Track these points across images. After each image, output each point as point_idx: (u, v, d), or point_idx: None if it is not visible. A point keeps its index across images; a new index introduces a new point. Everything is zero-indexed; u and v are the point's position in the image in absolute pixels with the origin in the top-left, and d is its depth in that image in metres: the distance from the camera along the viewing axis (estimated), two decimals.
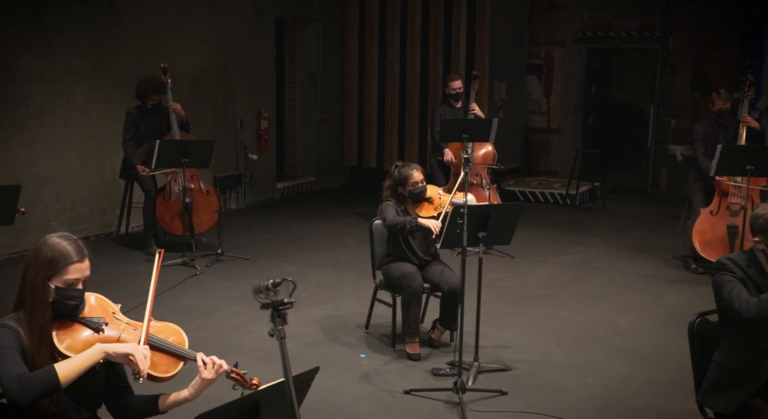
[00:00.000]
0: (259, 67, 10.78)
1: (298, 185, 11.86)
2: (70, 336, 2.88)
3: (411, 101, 11.95)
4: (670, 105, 12.07)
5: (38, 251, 2.87)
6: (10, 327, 2.80)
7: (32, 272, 2.85)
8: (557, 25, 12.48)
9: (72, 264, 2.87)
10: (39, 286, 2.83)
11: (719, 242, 7.58)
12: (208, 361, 2.94)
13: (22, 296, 2.88)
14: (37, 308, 2.82)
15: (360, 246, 8.65)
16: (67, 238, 2.92)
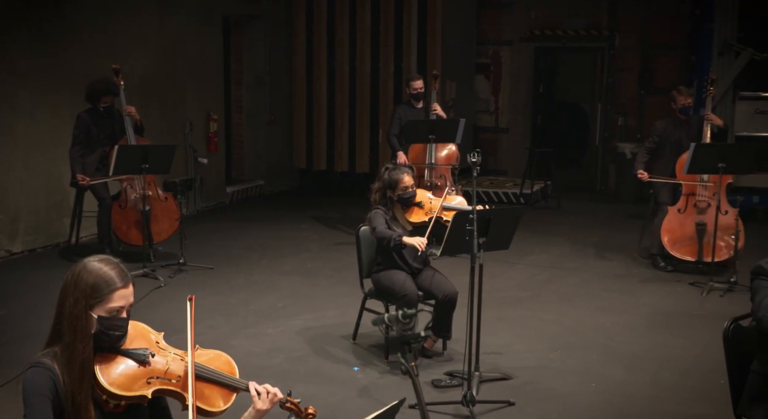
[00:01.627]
0: (207, 68, 10.42)
1: (247, 189, 11.52)
2: (115, 370, 2.59)
3: (361, 102, 11.74)
4: (617, 103, 12.17)
5: (77, 278, 2.56)
6: (45, 366, 2.49)
7: (71, 301, 2.54)
8: (505, 24, 12.46)
9: (116, 291, 2.58)
10: (80, 316, 2.53)
11: (688, 239, 7.63)
12: (261, 390, 2.69)
13: (58, 329, 2.57)
14: (79, 342, 2.51)
15: (324, 252, 8.45)
16: (108, 262, 2.63)
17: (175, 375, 2.67)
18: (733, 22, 10.42)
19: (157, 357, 2.67)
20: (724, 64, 10.37)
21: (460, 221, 4.75)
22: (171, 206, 7.91)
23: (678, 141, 7.78)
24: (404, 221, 5.40)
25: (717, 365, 5.40)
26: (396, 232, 5.21)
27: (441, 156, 8.55)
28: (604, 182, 12.36)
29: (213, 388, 2.73)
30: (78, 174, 7.42)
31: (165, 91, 9.71)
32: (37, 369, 2.49)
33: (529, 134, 12.72)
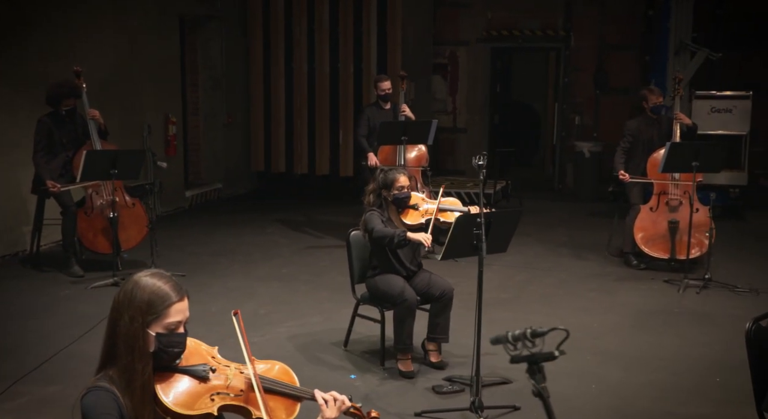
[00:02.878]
0: (164, 69, 10.16)
1: (205, 192, 11.28)
2: (176, 389, 2.45)
3: (321, 103, 11.60)
4: (573, 103, 12.30)
5: (130, 295, 2.42)
6: (106, 389, 2.34)
7: (126, 320, 2.39)
8: (461, 25, 12.48)
9: (172, 305, 2.45)
10: (137, 335, 2.38)
11: (661, 237, 7.73)
12: (328, 398, 2.59)
13: (112, 351, 2.41)
14: (138, 362, 2.37)
15: (296, 256, 8.31)
16: (160, 276, 2.48)
17: (237, 389, 2.55)
18: (688, 22, 10.61)
19: (216, 372, 2.54)
20: (679, 64, 10.54)
21: (463, 225, 4.70)
22: (139, 213, 7.67)
23: (649, 140, 7.87)
24: (399, 222, 5.32)
25: (710, 363, 5.50)
26: (398, 229, 5.12)
27: (411, 157, 8.49)
28: (561, 180, 12.47)
29: (277, 399, 2.62)
30: (48, 181, 7.12)
31: (122, 94, 9.43)
32: (99, 392, 2.34)
33: (486, 134, 12.77)
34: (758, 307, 6.62)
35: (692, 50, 10.45)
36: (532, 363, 1.95)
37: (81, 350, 5.58)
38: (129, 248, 7.64)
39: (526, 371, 2.02)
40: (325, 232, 9.37)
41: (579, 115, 12.28)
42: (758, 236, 9.38)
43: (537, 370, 1.94)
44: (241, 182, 12.02)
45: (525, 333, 1.93)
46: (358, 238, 5.50)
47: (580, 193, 11.89)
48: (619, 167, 7.75)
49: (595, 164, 11.79)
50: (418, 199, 5.42)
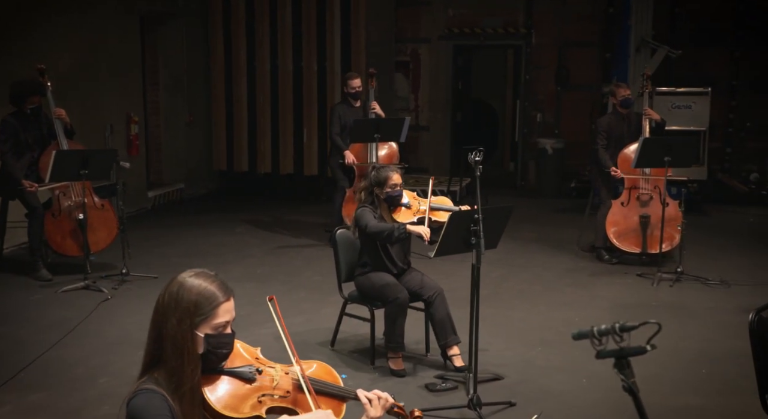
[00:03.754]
0: (126, 68, 9.95)
1: (168, 193, 11.08)
2: (223, 391, 2.38)
3: (284, 101, 11.48)
4: (535, 100, 12.39)
5: (176, 296, 2.34)
6: (157, 391, 2.26)
7: (174, 322, 2.30)
8: (423, 22, 12.48)
9: (220, 305, 2.37)
10: (186, 338, 2.30)
11: (633, 232, 7.82)
12: (372, 397, 2.53)
13: (158, 353, 2.33)
14: (187, 365, 2.29)
15: (269, 256, 8.21)
16: (205, 275, 2.41)
17: (284, 390, 2.49)
18: (648, 19, 10.77)
19: (262, 373, 2.48)
20: (640, 61, 10.69)
21: (456, 222, 4.68)
22: (108, 214, 7.50)
23: (620, 136, 7.96)
24: (390, 221, 5.27)
25: (693, 355, 5.58)
26: (396, 223, 5.08)
27: (382, 155, 8.46)
28: (524, 177, 12.55)
29: (323, 400, 2.56)
30: (24, 181, 6.92)
31: (84, 92, 9.20)
32: (149, 394, 2.26)
33: (449, 131, 12.80)
34: (731, 299, 6.79)
35: (653, 47, 10.61)
36: (620, 357, 1.92)
37: (59, 355, 5.42)
38: (98, 251, 7.46)
39: (614, 366, 1.99)
40: (294, 231, 9.28)
41: (540, 112, 12.38)
42: (721, 229, 9.56)
43: (625, 365, 1.91)
44: (203, 181, 11.85)
45: (613, 327, 1.90)
46: (344, 236, 5.45)
47: (543, 189, 11.98)
48: (609, 164, 7.75)
49: (557, 160, 11.89)
50: (410, 197, 5.39)
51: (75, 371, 5.14)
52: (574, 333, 2.00)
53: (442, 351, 5.22)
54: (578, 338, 1.97)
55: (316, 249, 8.44)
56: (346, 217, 8.48)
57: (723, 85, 11.38)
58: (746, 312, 6.42)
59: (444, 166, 12.44)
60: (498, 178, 12.99)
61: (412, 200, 5.37)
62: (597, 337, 1.90)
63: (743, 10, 11.45)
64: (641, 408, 1.96)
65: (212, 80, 11.65)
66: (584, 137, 12.10)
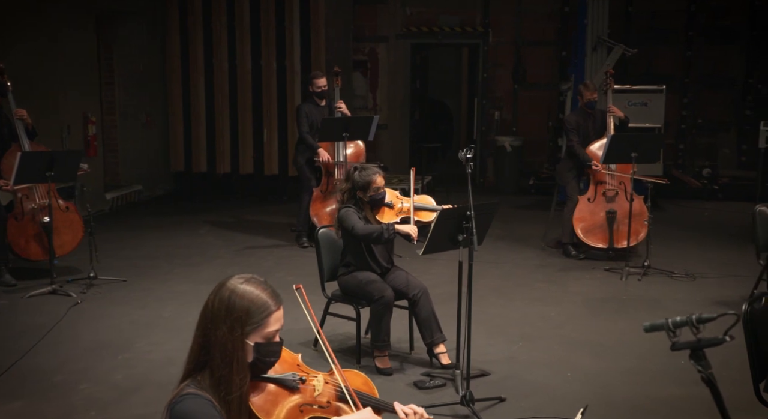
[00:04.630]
0: (83, 67, 9.73)
1: (126, 194, 10.87)
2: (268, 400, 2.33)
3: (243, 101, 11.37)
4: (493, 98, 12.50)
5: (228, 303, 2.27)
6: (204, 396, 2.20)
7: (225, 330, 2.24)
8: (380, 21, 12.49)
9: (272, 314, 2.33)
10: (237, 346, 2.25)
11: (599, 227, 7.94)
12: (408, 412, 2.50)
13: (204, 359, 2.27)
14: (236, 374, 2.23)
15: (237, 257, 8.12)
16: (256, 282, 2.35)
17: (324, 400, 2.45)
18: (603, 19, 10.94)
19: (306, 381, 2.44)
20: (597, 60, 10.86)
21: (445, 219, 4.69)
22: (73, 217, 7.33)
23: (586, 133, 8.07)
24: (374, 221, 5.25)
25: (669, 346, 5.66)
26: (384, 223, 5.06)
27: (349, 154, 8.43)
28: (483, 174, 12.65)
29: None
30: None
31: (40, 92, 8.97)
32: (197, 398, 2.20)
33: (408, 130, 12.83)
34: (698, 292, 6.94)
35: (609, 46, 10.78)
36: (697, 349, 1.94)
37: (35, 363, 5.27)
38: (64, 254, 7.28)
39: (690, 357, 2.00)
40: (259, 232, 9.19)
41: (498, 110, 12.49)
42: (678, 224, 9.77)
43: (702, 356, 1.92)
44: (160, 183, 11.66)
45: (690, 319, 1.92)
46: (326, 236, 5.41)
47: (502, 186, 12.09)
48: (588, 159, 7.83)
49: (516, 157, 12.02)
50: (393, 197, 5.37)
51: (54, 378, 5.01)
52: (647, 326, 2.01)
53: (429, 349, 5.22)
54: (651, 330, 1.99)
55: (285, 249, 8.38)
56: (313, 216, 8.44)
57: (675, 83, 11.63)
58: (715, 304, 6.63)
59: (403, 164, 12.44)
60: (455, 176, 13.05)
61: (394, 200, 5.35)
62: (672, 329, 1.91)
63: (694, 10, 11.72)
64: (720, 399, 1.99)
65: (169, 79, 11.48)
66: (541, 134, 12.27)
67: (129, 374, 5.08)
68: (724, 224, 9.86)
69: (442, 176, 12.82)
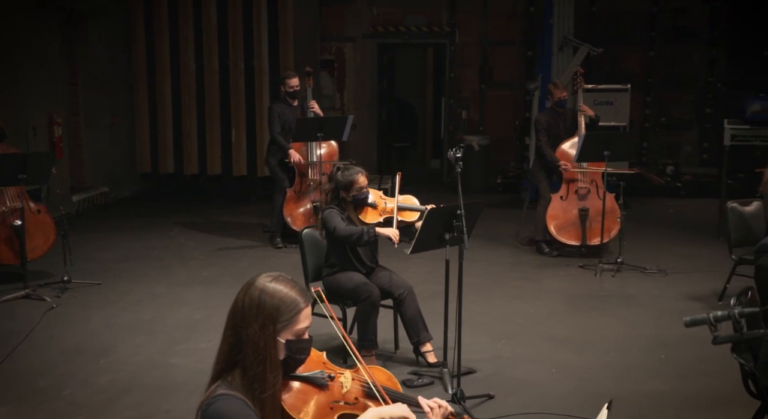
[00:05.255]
0: (48, 67, 9.57)
1: (93, 196, 10.71)
2: (299, 398, 2.33)
3: (210, 101, 11.28)
4: (460, 98, 12.57)
5: (258, 301, 2.27)
6: (239, 397, 2.19)
7: (256, 328, 2.24)
8: (347, 21, 12.48)
9: (302, 311, 2.33)
10: (269, 344, 2.25)
11: (572, 225, 8.05)
12: (433, 405, 2.52)
13: (236, 359, 2.26)
14: (269, 372, 2.23)
15: (212, 258, 8.07)
16: (285, 280, 2.35)
17: (352, 397, 2.46)
18: (569, 19, 11.06)
19: (334, 379, 2.44)
20: (563, 59, 10.98)
21: (433, 219, 4.72)
22: (45, 220, 7.21)
23: (557, 132, 8.17)
24: (358, 221, 5.26)
25: (649, 342, 5.78)
26: (365, 225, 5.07)
27: (323, 154, 8.43)
28: (450, 174, 12.70)
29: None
30: None
31: (4, 93, 8.81)
32: (232, 399, 2.19)
33: (375, 129, 12.84)
34: (671, 287, 7.07)
35: (575, 46, 10.91)
36: (739, 342, 1.98)
37: (15, 368, 5.19)
38: (35, 258, 7.15)
39: (732, 351, 2.05)
40: (231, 233, 9.14)
41: (466, 109, 12.57)
42: (647, 221, 9.93)
43: (744, 349, 1.97)
44: (126, 184, 11.52)
45: (732, 314, 1.96)
46: (310, 236, 5.40)
47: (470, 185, 12.11)
48: (555, 159, 7.94)
49: (483, 156, 12.10)
50: (377, 197, 5.38)
51: (37, 383, 4.93)
52: (687, 321, 2.05)
53: (415, 347, 5.25)
54: (692, 325, 2.03)
55: (259, 250, 8.34)
56: (287, 217, 8.42)
57: (639, 82, 11.82)
58: (688, 299, 6.76)
59: (371, 164, 12.46)
60: (422, 175, 13.12)
61: (378, 200, 5.36)
62: (713, 324, 1.94)
63: (656, 11, 11.92)
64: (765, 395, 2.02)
65: (134, 80, 11.35)
66: (508, 133, 12.38)
67: (114, 378, 5.02)
68: (689, 220, 10.04)
69: (409, 176, 12.88)
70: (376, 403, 2.51)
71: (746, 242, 6.45)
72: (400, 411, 2.37)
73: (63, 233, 6.91)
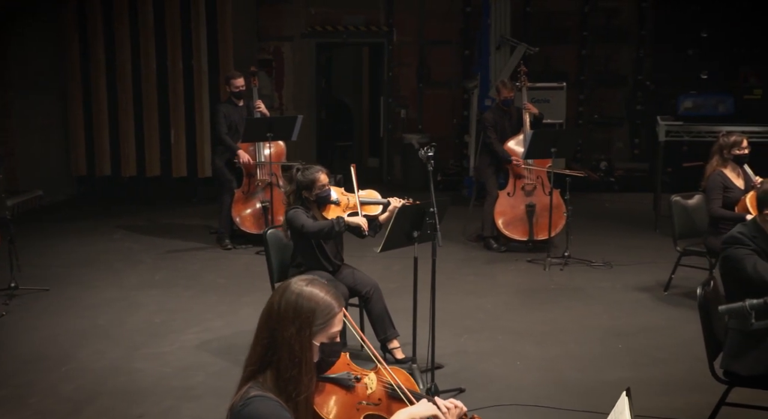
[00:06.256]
0: None
1: (26, 200, 10.40)
2: (329, 400, 2.36)
3: (148, 102, 11.09)
4: (399, 96, 12.66)
5: (295, 305, 2.30)
6: (274, 399, 2.20)
7: (293, 331, 2.26)
8: (285, 20, 12.44)
9: (337, 314, 2.36)
10: (305, 347, 2.27)
11: (519, 220, 8.22)
12: (450, 406, 2.56)
13: (271, 360, 2.27)
14: (305, 375, 2.25)
15: (162, 262, 7.96)
16: (320, 284, 2.38)
17: (376, 397, 2.49)
18: (506, 18, 11.27)
19: (360, 380, 2.47)
20: (500, 58, 11.18)
21: (404, 217, 4.78)
22: None
23: (503, 130, 8.33)
24: (322, 219, 5.28)
25: (605, 332, 5.96)
26: (334, 218, 5.10)
27: (270, 154, 8.41)
28: (390, 172, 12.81)
29: (401, 406, 2.57)
30: None
31: None
32: (268, 401, 2.20)
33: (314, 129, 12.83)
34: (617, 279, 7.29)
35: (512, 45, 11.12)
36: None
37: None
38: None
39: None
40: (177, 235, 9.01)
41: (404, 108, 12.67)
42: (586, 215, 10.16)
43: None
44: (61, 187, 11.24)
45: (766, 301, 2.06)
46: (275, 237, 5.40)
47: (410, 183, 12.26)
48: (507, 155, 8.10)
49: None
50: (339, 194, 5.42)
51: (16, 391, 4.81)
52: (722, 309, 2.15)
53: (382, 344, 5.30)
54: (727, 313, 2.13)
55: (209, 252, 8.26)
56: (236, 218, 8.36)
57: (572, 81, 12.11)
58: (635, 290, 6.98)
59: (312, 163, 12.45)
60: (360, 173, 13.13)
61: (340, 196, 5.41)
62: (749, 311, 2.04)
63: (587, 11, 12.24)
64: None
65: (68, 80, 11.07)
66: (447, 131, 12.54)
67: (79, 385, 4.93)
68: (625, 214, 10.35)
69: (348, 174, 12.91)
70: (399, 404, 2.56)
71: (690, 234, 6.73)
72: (428, 410, 2.42)
73: (10, 238, 6.72)
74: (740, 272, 3.81)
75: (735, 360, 3.87)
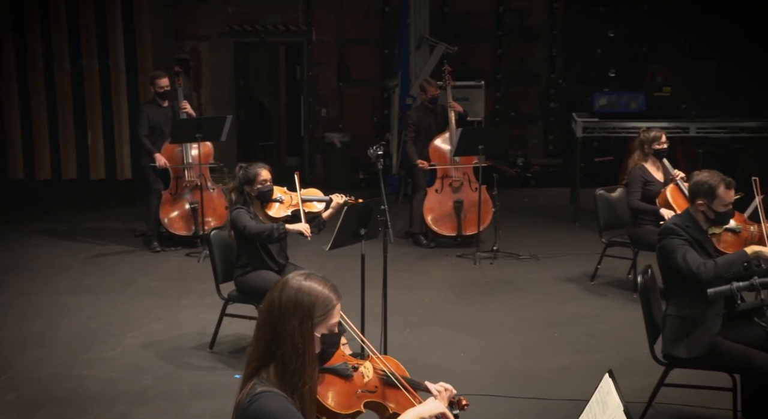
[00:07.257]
0: None
1: None
2: (329, 389, 2.42)
3: (63, 102, 10.77)
4: (318, 96, 12.70)
5: (295, 299, 2.36)
6: (281, 394, 2.24)
7: (295, 323, 2.33)
8: (201, 19, 12.30)
9: (336, 306, 2.43)
10: (307, 339, 2.33)
11: (447, 216, 8.40)
12: (440, 389, 2.68)
13: (275, 354, 2.31)
14: (308, 366, 2.31)
15: (89, 266, 7.84)
16: (317, 278, 2.46)
17: (373, 385, 2.57)
18: (425, 18, 11.46)
19: (357, 369, 2.54)
20: (420, 57, 11.37)
21: (352, 215, 4.86)
22: None
23: (428, 128, 8.49)
24: (264, 217, 5.32)
25: (540, 321, 6.20)
26: (274, 222, 5.13)
27: (196, 155, 8.33)
28: (312, 171, 12.83)
29: (399, 393, 2.65)
30: None
31: None
32: (274, 396, 2.25)
33: (235, 129, 12.71)
34: (545, 270, 7.56)
35: (432, 44, 11.31)
36: (761, 307, 2.23)
37: None
38: None
39: (754, 315, 2.30)
40: (100, 239, 8.81)
41: (325, 107, 12.72)
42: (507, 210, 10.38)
43: (764, 314, 2.22)
44: None
45: (754, 283, 2.21)
46: (219, 237, 5.41)
47: (332, 181, 12.31)
48: (414, 157, 8.25)
49: (344, 153, 12.30)
50: (281, 191, 5.46)
51: None
52: (711, 293, 2.29)
53: None
54: (716, 296, 2.27)
55: (137, 255, 8.13)
56: (164, 219, 8.26)
57: (489, 79, 12.40)
58: (563, 281, 7.24)
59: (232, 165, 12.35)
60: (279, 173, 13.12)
61: (283, 195, 5.45)
62: (736, 293, 2.20)
63: (502, 11, 12.56)
64: None
65: None
66: (368, 130, 12.64)
67: (22, 393, 4.82)
68: (544, 208, 10.68)
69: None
70: (393, 390, 2.64)
71: (613, 225, 7.04)
72: (436, 407, 2.52)
73: None
74: (672, 261, 4.00)
75: (675, 344, 4.09)
